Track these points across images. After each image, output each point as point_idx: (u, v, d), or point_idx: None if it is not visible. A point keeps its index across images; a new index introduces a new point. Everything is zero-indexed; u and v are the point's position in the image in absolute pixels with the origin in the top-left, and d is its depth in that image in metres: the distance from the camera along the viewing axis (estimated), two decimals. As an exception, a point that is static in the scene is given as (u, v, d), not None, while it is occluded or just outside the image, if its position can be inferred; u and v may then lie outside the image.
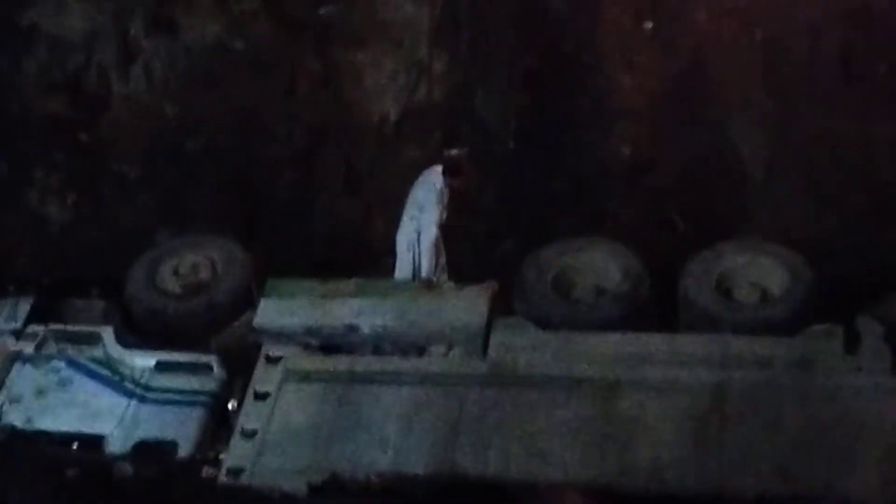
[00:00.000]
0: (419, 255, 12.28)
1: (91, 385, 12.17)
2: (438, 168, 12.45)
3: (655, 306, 12.09)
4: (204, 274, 12.93)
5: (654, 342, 11.53)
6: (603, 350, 11.54)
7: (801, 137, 13.42)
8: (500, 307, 12.12)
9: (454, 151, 12.51)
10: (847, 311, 11.38)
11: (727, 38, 13.79)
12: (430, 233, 12.24)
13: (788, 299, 11.77)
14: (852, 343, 11.21)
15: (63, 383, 12.20)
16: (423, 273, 12.27)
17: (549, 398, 11.27)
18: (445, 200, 12.27)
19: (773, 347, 11.27)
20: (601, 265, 12.32)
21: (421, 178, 12.50)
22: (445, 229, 12.30)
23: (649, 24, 14.00)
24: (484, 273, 12.42)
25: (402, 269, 12.48)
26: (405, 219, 12.43)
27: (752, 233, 12.86)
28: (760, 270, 12.03)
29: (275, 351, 12.08)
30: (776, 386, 11.03)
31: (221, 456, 11.46)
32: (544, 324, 11.93)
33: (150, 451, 11.61)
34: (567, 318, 11.96)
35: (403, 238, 12.45)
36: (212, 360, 12.13)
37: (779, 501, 10.40)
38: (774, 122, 13.50)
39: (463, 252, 12.78)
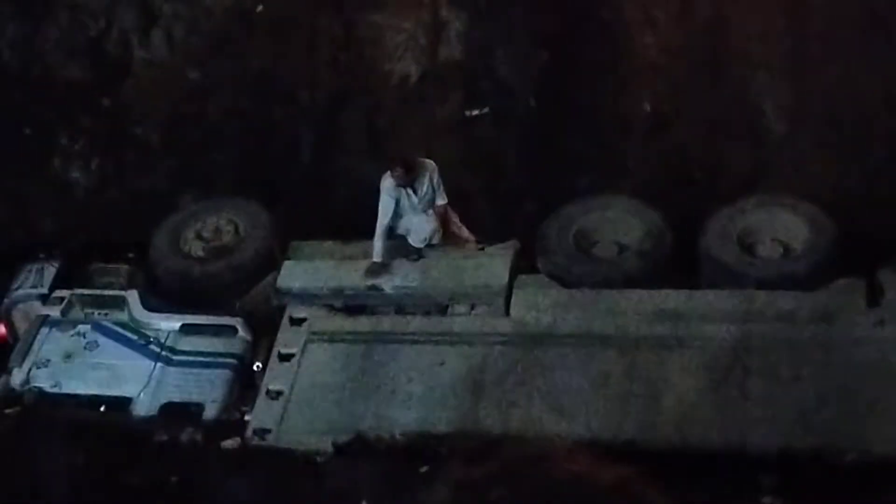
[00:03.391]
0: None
1: (117, 348, 12.30)
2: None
3: (677, 263, 12.06)
4: (227, 237, 12.98)
5: (676, 298, 11.56)
6: (625, 307, 11.57)
7: (822, 91, 13.34)
8: (523, 265, 12.17)
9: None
10: (869, 265, 11.37)
11: (748, -8, 13.73)
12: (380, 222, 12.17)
13: (810, 254, 11.72)
14: (875, 297, 11.22)
15: (89, 347, 12.32)
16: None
17: (571, 355, 11.33)
18: (392, 194, 12.05)
19: (795, 302, 11.28)
20: (622, 222, 12.30)
21: None
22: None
23: (670, -20, 13.94)
24: (506, 232, 12.47)
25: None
26: None
27: (774, 188, 12.78)
28: (782, 225, 11.99)
29: (298, 312, 12.18)
30: (799, 340, 11.05)
31: (247, 417, 11.58)
32: (566, 281, 11.97)
33: (177, 413, 11.72)
34: (589, 275, 11.97)
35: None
36: (236, 322, 12.21)
37: (802, 455, 10.40)
38: (796, 76, 13.43)
39: (485, 211, 12.78)
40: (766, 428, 10.59)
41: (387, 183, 12.02)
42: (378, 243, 12.16)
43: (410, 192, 12.04)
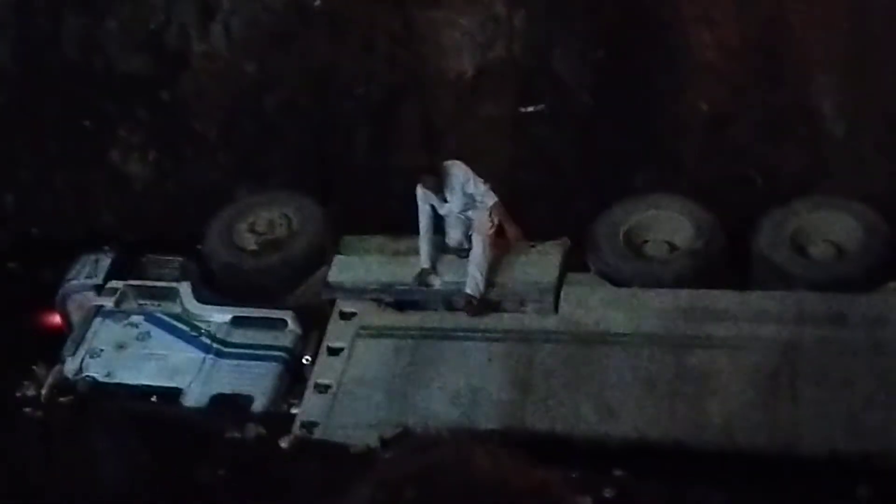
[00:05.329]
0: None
1: (169, 339, 12.42)
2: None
3: (729, 263, 11.98)
4: (280, 231, 13.04)
5: (727, 299, 11.48)
6: (675, 306, 11.51)
7: (883, 92, 13.14)
8: (574, 263, 12.12)
9: None
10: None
11: (809, -9, 13.56)
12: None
13: (863, 256, 11.60)
14: (928, 300, 11.04)
15: (142, 338, 12.46)
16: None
17: (619, 354, 11.30)
18: (424, 201, 12.17)
19: (847, 304, 11.16)
20: (674, 221, 12.24)
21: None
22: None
23: (729, -22, 13.79)
24: (558, 229, 12.42)
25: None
26: None
27: (831, 189, 12.64)
28: (835, 227, 11.88)
29: (348, 307, 12.23)
30: (850, 343, 10.94)
31: (295, 410, 11.62)
32: (616, 280, 11.92)
33: (226, 405, 11.79)
34: (639, 274, 11.92)
35: None
36: (287, 315, 12.27)
37: (851, 459, 10.29)
38: (856, 77, 13.24)
39: (537, 208, 12.74)
40: (815, 431, 10.48)
41: (419, 192, 12.10)
42: (424, 250, 12.21)
43: (441, 196, 12.09)
